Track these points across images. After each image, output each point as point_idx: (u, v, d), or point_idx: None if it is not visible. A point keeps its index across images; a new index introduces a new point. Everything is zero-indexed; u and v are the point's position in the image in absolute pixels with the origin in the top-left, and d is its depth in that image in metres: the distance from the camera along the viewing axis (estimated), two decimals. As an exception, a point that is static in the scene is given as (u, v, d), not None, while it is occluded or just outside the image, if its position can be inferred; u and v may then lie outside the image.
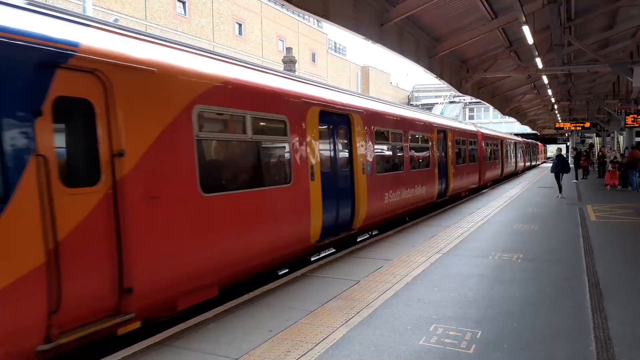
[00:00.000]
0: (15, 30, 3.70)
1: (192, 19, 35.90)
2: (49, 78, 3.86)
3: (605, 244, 8.54)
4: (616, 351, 4.00)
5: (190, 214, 5.08)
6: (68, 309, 3.85)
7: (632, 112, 20.39)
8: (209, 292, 5.47)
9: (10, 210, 3.54)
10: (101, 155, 4.25)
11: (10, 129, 3.57)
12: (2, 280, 3.47)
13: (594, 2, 15.81)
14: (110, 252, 4.25)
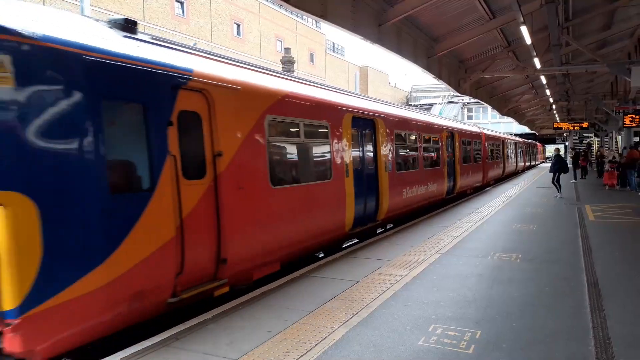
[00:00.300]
0: (155, 61, 4.93)
1: (191, 19, 35.89)
2: (175, 97, 5.08)
3: (604, 244, 8.55)
4: (615, 351, 4.00)
5: (263, 202, 6.34)
6: (187, 272, 5.05)
7: (630, 112, 20.43)
8: (274, 267, 6.70)
9: (155, 196, 4.71)
10: (206, 155, 5.46)
11: (155, 136, 4.78)
12: (150, 248, 4.64)
13: (591, 3, 15.84)
14: (212, 229, 5.44)
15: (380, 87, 68.97)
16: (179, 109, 5.10)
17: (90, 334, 4.27)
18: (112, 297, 4.32)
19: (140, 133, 4.74)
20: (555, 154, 18.00)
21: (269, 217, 6.43)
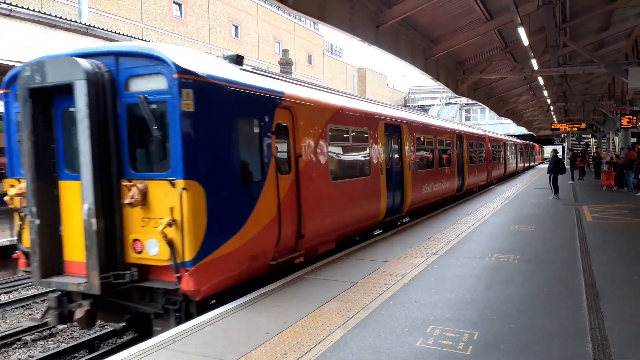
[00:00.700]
0: (264, 87, 6.64)
1: (188, 21, 35.88)
2: (274, 113, 6.75)
3: (602, 245, 8.57)
4: (612, 351, 4.01)
5: (326, 193, 8.02)
6: (282, 243, 6.74)
7: (627, 113, 20.49)
8: (331, 245, 8.40)
9: (265, 185, 6.42)
10: (291, 157, 7.17)
11: (265, 142, 6.48)
12: (263, 223, 6.30)
13: (589, 4, 15.86)
14: (295, 212, 7.10)
15: (379, 88, 69.02)
16: (276, 122, 6.78)
17: (228, 282, 5.85)
18: (242, 257, 5.96)
19: (257, 140, 6.43)
20: (553, 155, 18.02)
21: (330, 205, 8.14)
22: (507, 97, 33.49)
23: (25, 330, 7.37)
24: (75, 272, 5.58)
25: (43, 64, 5.41)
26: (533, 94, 31.86)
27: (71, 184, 5.64)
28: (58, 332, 7.78)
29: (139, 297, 5.57)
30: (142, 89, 5.38)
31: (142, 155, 5.57)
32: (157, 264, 5.30)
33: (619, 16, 17.92)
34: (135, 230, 5.41)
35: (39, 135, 5.59)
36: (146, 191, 5.31)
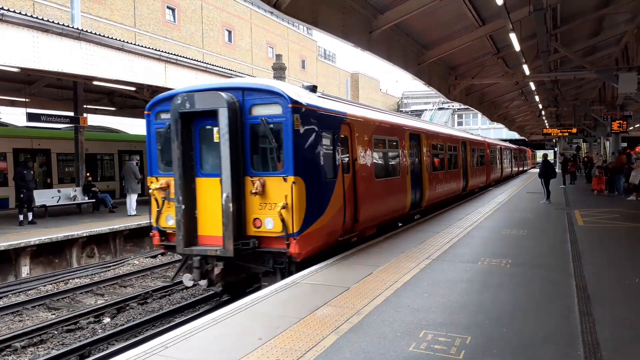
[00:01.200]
0: (335, 109, 8.72)
1: (182, 26, 35.88)
2: (340, 128, 8.69)
3: (593, 249, 8.63)
4: (604, 355, 4.03)
5: (372, 188, 9.99)
6: (345, 225, 8.70)
7: (617, 118, 20.68)
8: (374, 230, 10.28)
9: (337, 182, 8.36)
10: (350, 160, 9.09)
11: (336, 149, 8.42)
12: (335, 209, 8.23)
13: (579, 10, 16.02)
14: (352, 202, 8.96)
15: (372, 93, 69.25)
16: (342, 135, 8.78)
17: (315, 250, 7.83)
18: (324, 232, 7.96)
19: (332, 148, 8.41)
20: (543, 159, 18.13)
21: (374, 198, 10.08)
22: (499, 102, 33.71)
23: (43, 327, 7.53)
24: (206, 243, 7.63)
25: (192, 96, 7.44)
26: (525, 99, 32.10)
27: (204, 180, 7.73)
28: (48, 338, 7.73)
29: (254, 260, 7.70)
30: (262, 114, 7.45)
31: (260, 160, 7.69)
32: (271, 235, 7.40)
33: (609, 22, 18.13)
34: (255, 212, 7.48)
35: (185, 145, 7.58)
36: (265, 184, 7.37)
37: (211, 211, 7.56)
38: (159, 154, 8.28)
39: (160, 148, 8.21)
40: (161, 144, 8.20)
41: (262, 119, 7.36)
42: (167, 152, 7.93)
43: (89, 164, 20.59)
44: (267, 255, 7.59)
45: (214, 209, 7.49)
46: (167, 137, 7.82)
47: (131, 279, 11.33)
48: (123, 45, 13.50)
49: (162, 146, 8.17)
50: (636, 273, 6.76)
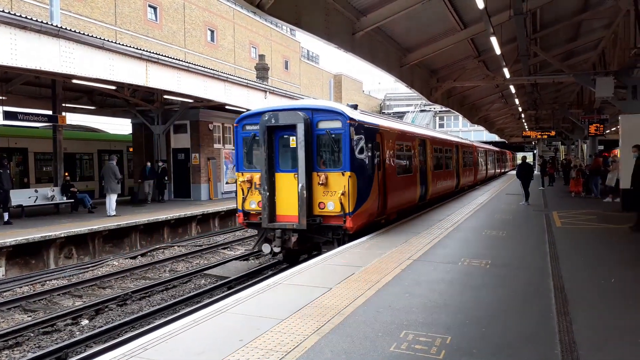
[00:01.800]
0: (373, 122, 11.51)
1: (164, 25, 35.53)
2: (375, 136, 11.15)
3: (570, 250, 8.78)
4: (580, 354, 4.10)
5: (394, 182, 12.44)
6: (379, 209, 11.25)
7: (595, 122, 21.05)
8: (394, 215, 12.93)
9: (374, 176, 10.92)
10: (381, 161, 11.35)
11: (374, 152, 10.99)
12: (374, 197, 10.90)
13: (558, 15, 16.30)
14: (382, 193, 11.39)
15: (355, 95, 69.42)
16: (376, 141, 11.28)
17: (361, 226, 10.33)
18: (367, 213, 10.53)
19: (371, 151, 10.79)
20: (522, 161, 18.38)
21: (396, 190, 12.64)
22: (480, 105, 34.09)
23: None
24: (283, 220, 10.16)
25: (277, 114, 10.03)
26: (505, 102, 32.51)
27: (281, 174, 10.26)
28: (24, 340, 7.57)
29: (318, 233, 10.21)
30: (326, 127, 10.01)
31: (322, 159, 10.23)
32: (332, 214, 9.94)
33: (587, 28, 18.48)
34: (320, 197, 10.02)
35: (270, 149, 10.12)
36: (327, 177, 9.92)
37: (286, 197, 10.16)
38: (244, 155, 10.87)
39: (245, 151, 10.85)
40: (246, 149, 10.86)
41: (327, 130, 9.98)
42: (250, 154, 10.78)
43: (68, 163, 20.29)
44: (328, 229, 10.18)
45: (289, 195, 10.08)
46: (251, 143, 10.73)
47: (110, 280, 11.17)
48: (103, 43, 13.32)
49: (246, 150, 10.86)
50: (612, 273, 6.90)
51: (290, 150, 10.17)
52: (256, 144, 10.54)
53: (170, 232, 16.30)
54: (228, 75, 19.05)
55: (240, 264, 12.44)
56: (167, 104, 20.76)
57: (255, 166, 10.62)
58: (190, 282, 11.04)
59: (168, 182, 21.33)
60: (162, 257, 13.51)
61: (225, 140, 22.93)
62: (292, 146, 10.07)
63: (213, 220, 18.31)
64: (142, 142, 22.66)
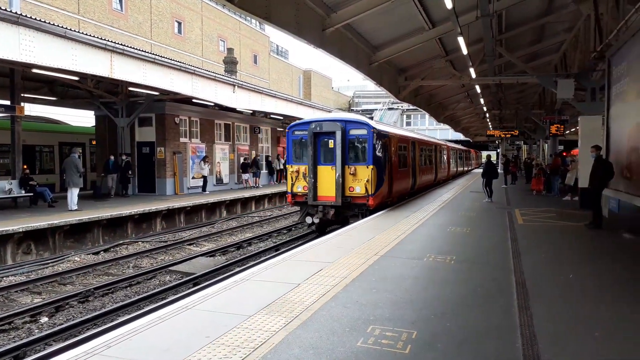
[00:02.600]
0: (385, 130, 15.78)
1: (129, 15, 34.67)
2: (386, 140, 14.89)
3: (531, 246, 9.04)
4: (540, 347, 4.23)
5: (397, 174, 16.29)
6: (388, 194, 15.32)
7: (556, 122, 21.72)
8: (394, 200, 16.40)
9: (386, 169, 14.80)
10: (389, 158, 15.20)
11: (385, 152, 14.69)
12: (386, 185, 14.91)
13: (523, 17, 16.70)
14: (389, 181, 15.12)
15: (324, 91, 69.50)
16: (386, 143, 14.80)
17: (378, 204, 14.01)
18: (381, 195, 14.25)
19: (383, 151, 14.29)
20: (486, 160, 18.82)
21: (398, 180, 16.15)
22: (446, 104, 34.68)
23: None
24: (323, 200, 13.73)
25: (321, 123, 13.77)
26: (470, 101, 33.18)
27: (322, 167, 13.83)
28: (-20, 339, 7.30)
29: (348, 209, 13.77)
30: (355, 134, 13.64)
31: (352, 157, 13.69)
32: (358, 195, 13.49)
33: (550, 31, 19.01)
34: (350, 183, 13.56)
35: (315, 148, 13.82)
36: (356, 169, 13.43)
37: (325, 183, 13.88)
38: (294, 153, 14.59)
39: (294, 150, 14.55)
40: (295, 148, 14.55)
41: (356, 136, 13.79)
42: (298, 152, 14.45)
43: (27, 156, 19.58)
44: (355, 206, 13.88)
45: (328, 182, 13.83)
46: (299, 143, 14.42)
47: (71, 276, 10.87)
48: (66, 32, 12.89)
49: (295, 149, 14.55)
50: (570, 269, 7.14)
51: (329, 150, 13.85)
52: (302, 145, 14.23)
53: (135, 227, 15.97)
54: (195, 68, 18.75)
55: (207, 260, 12.30)
56: (132, 96, 20.27)
57: (301, 160, 14.29)
58: (155, 278, 10.85)
59: (132, 177, 20.84)
60: (125, 253, 13.22)
61: (192, 135, 22.56)
62: (331, 147, 13.76)
63: (179, 216, 18.02)
64: (105, 135, 22.07)
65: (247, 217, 20.50)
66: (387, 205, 15.53)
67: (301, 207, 14.69)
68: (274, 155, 30.67)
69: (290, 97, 27.99)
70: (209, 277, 10.47)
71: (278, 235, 16.41)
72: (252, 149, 27.55)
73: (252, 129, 27.78)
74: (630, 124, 10.48)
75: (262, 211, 22.59)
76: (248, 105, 22.55)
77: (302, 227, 17.89)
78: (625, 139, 10.91)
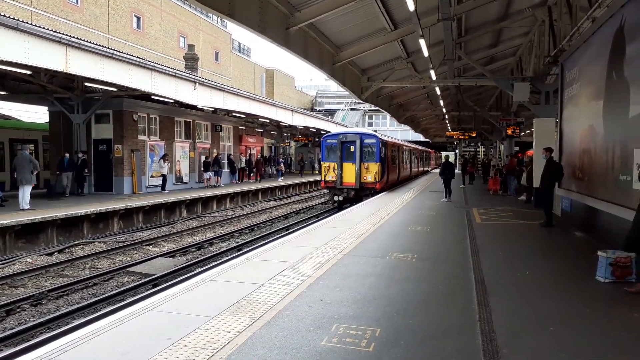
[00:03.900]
0: (385, 139, 23.96)
1: (85, 9, 33.57)
2: (383, 145, 21.94)
3: (489, 244, 9.29)
4: (499, 342, 4.35)
5: (391, 169, 23.71)
6: (386, 182, 22.59)
7: (512, 124, 22.40)
8: (388, 187, 23.64)
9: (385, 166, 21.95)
10: (387, 158, 22.91)
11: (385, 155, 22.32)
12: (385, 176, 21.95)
13: (481, 21, 17.14)
14: (387, 174, 22.48)
15: (287, 90, 69.31)
16: (385, 148, 22.30)
17: (381, 189, 21.53)
18: (383, 182, 21.53)
19: (384, 153, 21.89)
20: (445, 160, 19.24)
21: (391, 173, 23.48)
22: (407, 105, 35.22)
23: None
24: (345, 185, 20.77)
25: (346, 135, 21.37)
26: (430, 102, 33.81)
27: (346, 163, 20.81)
28: None
29: (362, 191, 20.75)
30: (367, 142, 20.97)
31: (365, 157, 20.75)
32: (369, 182, 20.60)
33: (507, 35, 19.58)
34: (364, 174, 20.64)
35: (341, 152, 20.85)
36: (369, 165, 20.62)
37: (348, 174, 20.56)
38: (326, 154, 21.20)
39: (327, 152, 21.17)
40: (327, 151, 21.17)
41: (369, 144, 20.73)
42: (328, 154, 21.11)
43: (-26, 152, 18.66)
44: (367, 189, 20.55)
45: (350, 173, 20.54)
46: (330, 148, 21.14)
47: (23, 278, 10.42)
48: (17, 24, 12.35)
49: (327, 152, 21.16)
50: (526, 266, 7.38)
51: (350, 153, 20.84)
52: (332, 149, 21.21)
53: (91, 227, 15.47)
54: (155, 64, 18.34)
55: (167, 260, 12.05)
56: (88, 92, 19.62)
57: (331, 159, 21.19)
58: (112, 279, 10.54)
59: (88, 175, 20.19)
60: (81, 254, 12.78)
61: (151, 132, 22.05)
62: (352, 151, 20.79)
63: (137, 216, 17.57)
64: (60, 132, 21.28)
65: (208, 216, 20.21)
66: (385, 189, 22.43)
67: (330, 189, 21.83)
68: (237, 154, 30.36)
69: (253, 96, 27.78)
70: (170, 278, 10.26)
71: (240, 235, 16.25)
72: (214, 147, 27.17)
73: (213, 126, 27.40)
74: (581, 127, 10.93)
75: (223, 211, 22.32)
76: (210, 103, 22.24)
77: (265, 227, 17.84)
78: (577, 141, 11.37)
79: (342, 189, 20.80)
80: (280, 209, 23.73)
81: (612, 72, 8.68)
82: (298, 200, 27.68)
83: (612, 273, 6.40)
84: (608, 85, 8.89)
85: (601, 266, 6.54)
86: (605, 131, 9.07)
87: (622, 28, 8.11)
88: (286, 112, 32.32)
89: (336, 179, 20.82)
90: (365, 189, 20.73)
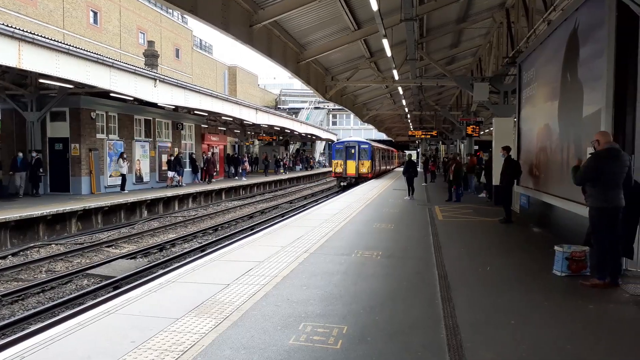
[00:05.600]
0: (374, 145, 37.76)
1: (39, 2, 32.33)
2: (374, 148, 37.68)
3: (451, 241, 9.50)
4: (463, 337, 4.45)
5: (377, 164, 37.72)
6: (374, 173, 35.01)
7: (471, 123, 22.94)
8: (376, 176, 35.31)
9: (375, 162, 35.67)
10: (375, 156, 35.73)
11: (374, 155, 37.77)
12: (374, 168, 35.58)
13: (442, 22, 17.46)
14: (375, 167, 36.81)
15: (250, 88, 68.76)
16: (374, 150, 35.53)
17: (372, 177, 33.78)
18: (374, 173, 34.45)
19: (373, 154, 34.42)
20: (408, 159, 19.53)
21: (377, 167, 37.38)
22: (370, 105, 35.56)
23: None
24: (349, 175, 32.16)
25: (350, 141, 33.43)
26: (393, 102, 34.27)
27: (349, 161, 32.26)
28: None
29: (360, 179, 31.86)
30: (363, 147, 32.83)
31: (362, 156, 32.50)
32: (365, 173, 32.20)
33: (467, 36, 20.04)
34: (361, 168, 32.26)
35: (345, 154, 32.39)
36: (364, 161, 32.45)
37: (350, 168, 31.94)
38: (336, 154, 32.66)
39: (336, 153, 32.68)
40: (336, 153, 32.71)
41: (363, 148, 32.59)
42: (337, 154, 32.86)
43: None
44: (363, 178, 31.64)
45: (351, 167, 31.93)
46: (338, 151, 32.78)
47: (-26, 283, 9.97)
48: (-34, 16, 11.80)
49: (337, 153, 32.71)
50: (487, 262, 7.57)
51: (351, 154, 31.66)
52: (339, 151, 32.13)
53: (47, 229, 14.92)
54: (114, 60, 17.86)
55: (128, 262, 11.76)
56: (43, 89, 18.92)
57: (338, 158, 31.89)
58: (71, 282, 10.20)
59: (43, 175, 19.46)
60: (37, 257, 12.31)
61: (110, 130, 21.46)
62: (353, 152, 31.73)
63: (96, 217, 17.07)
64: (12, 130, 20.41)
65: (170, 217, 19.83)
66: (373, 177, 32.66)
67: (337, 178, 32.53)
68: (199, 153, 29.91)
69: (216, 94, 27.40)
70: (131, 280, 10.02)
71: (204, 235, 16.02)
72: (175, 145, 26.65)
73: (174, 125, 26.90)
74: (538, 126, 11.29)
75: (185, 211, 21.95)
76: (170, 100, 21.81)
77: (229, 226, 17.68)
78: (534, 140, 11.74)
79: (346, 178, 32.03)
80: (244, 208, 23.53)
81: (566, 74, 9.00)
82: (263, 200, 27.52)
83: (568, 267, 6.65)
84: (563, 86, 9.22)
85: (558, 260, 6.78)
86: (561, 130, 9.40)
87: (576, 31, 8.43)
88: (250, 110, 32.05)
89: (342, 171, 32.00)
90: (362, 178, 31.56)
